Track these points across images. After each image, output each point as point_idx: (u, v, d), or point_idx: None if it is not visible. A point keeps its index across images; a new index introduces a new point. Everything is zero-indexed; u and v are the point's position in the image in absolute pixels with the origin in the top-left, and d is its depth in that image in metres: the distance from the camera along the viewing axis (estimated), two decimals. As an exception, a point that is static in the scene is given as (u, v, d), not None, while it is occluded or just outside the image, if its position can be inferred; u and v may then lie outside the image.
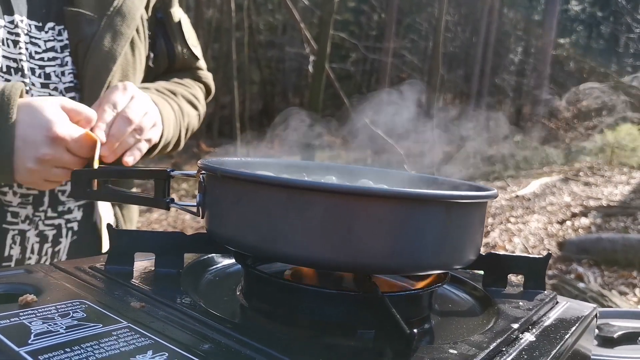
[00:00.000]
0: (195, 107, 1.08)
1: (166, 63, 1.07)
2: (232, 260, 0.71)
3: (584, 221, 5.91)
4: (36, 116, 0.74)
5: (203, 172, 0.61)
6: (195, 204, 0.64)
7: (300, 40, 12.28)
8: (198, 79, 1.14)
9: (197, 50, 1.11)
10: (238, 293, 0.62)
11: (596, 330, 0.87)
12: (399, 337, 0.41)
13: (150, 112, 0.88)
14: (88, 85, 0.89)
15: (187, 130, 1.05)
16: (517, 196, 7.63)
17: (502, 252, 0.70)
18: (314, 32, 12.13)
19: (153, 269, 0.65)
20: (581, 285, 3.43)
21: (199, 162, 0.62)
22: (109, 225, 0.64)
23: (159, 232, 0.67)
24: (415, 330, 0.40)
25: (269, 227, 0.51)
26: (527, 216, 6.32)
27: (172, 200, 0.68)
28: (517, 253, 4.80)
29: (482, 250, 0.64)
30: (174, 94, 1.02)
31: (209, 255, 0.71)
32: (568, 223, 5.91)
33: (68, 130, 0.75)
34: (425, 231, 0.50)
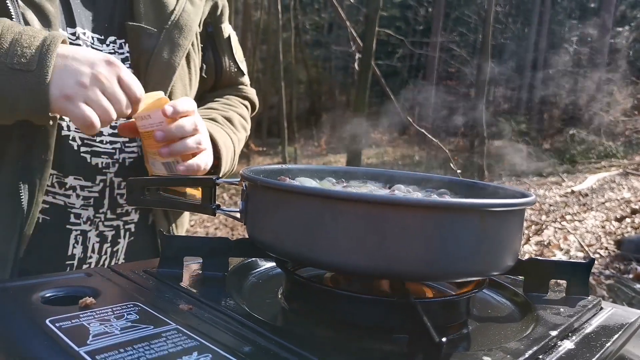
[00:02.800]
0: (245, 130, 1.13)
1: (213, 76, 1.11)
2: (275, 264, 0.74)
3: (645, 218, 5.62)
4: (89, 51, 0.77)
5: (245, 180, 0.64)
6: (239, 210, 0.67)
7: (346, 38, 12.27)
8: (243, 96, 1.18)
9: (243, 65, 1.15)
10: (280, 296, 0.65)
11: (647, 336, 0.84)
12: (429, 344, 0.43)
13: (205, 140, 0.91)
14: None
15: (238, 154, 1.11)
16: (572, 192, 7.34)
17: (542, 258, 0.70)
18: (360, 29, 12.08)
19: (201, 272, 0.69)
20: (638, 286, 3.27)
21: (241, 171, 0.65)
22: (160, 232, 0.68)
23: (206, 237, 0.71)
24: (444, 339, 0.41)
25: (306, 235, 0.53)
26: (584, 213, 6.07)
27: (218, 207, 0.72)
28: (573, 252, 4.63)
29: (536, 248, 0.64)
30: (231, 122, 1.06)
31: (253, 259, 0.75)
32: (627, 220, 5.62)
33: (123, 65, 0.78)
34: (458, 239, 0.51)
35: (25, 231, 0.85)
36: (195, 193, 0.88)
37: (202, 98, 1.12)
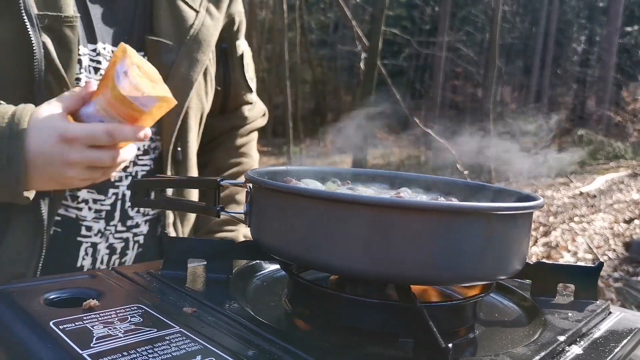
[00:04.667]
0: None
1: (222, 91, 1.10)
2: (279, 266, 0.74)
3: (654, 220, 5.57)
4: (43, 128, 0.74)
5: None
6: (243, 212, 0.67)
7: (351, 37, 12.25)
8: (251, 119, 1.18)
9: (252, 83, 1.15)
10: (284, 299, 0.65)
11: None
12: (435, 350, 0.42)
13: None
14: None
15: None
16: (581, 193, 7.30)
17: (549, 261, 0.69)
18: (366, 29, 12.06)
19: (205, 274, 0.69)
20: (646, 289, 3.24)
21: (245, 173, 0.64)
22: (163, 234, 0.68)
23: (210, 239, 0.71)
24: (450, 345, 0.40)
25: (310, 238, 0.52)
26: (592, 215, 6.03)
27: (222, 209, 0.71)
28: (581, 253, 4.60)
29: (544, 250, 0.63)
30: None
31: (257, 261, 0.74)
32: (636, 222, 5.58)
33: (75, 128, 0.75)
34: (465, 243, 0.50)
35: (44, 251, 0.85)
36: None
37: (211, 124, 1.10)
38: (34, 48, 0.78)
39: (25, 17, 0.77)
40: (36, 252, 0.84)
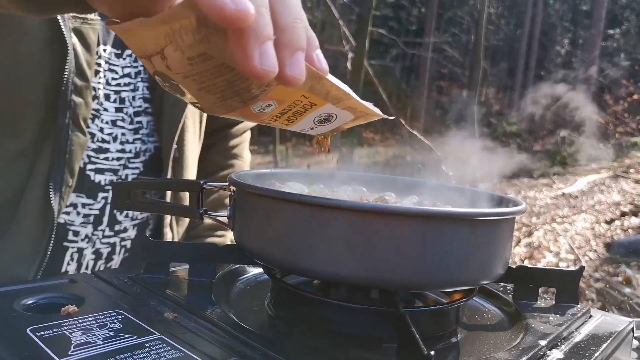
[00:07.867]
0: None
1: None
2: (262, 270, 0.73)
3: (634, 221, 5.66)
4: None
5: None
6: (226, 215, 0.66)
7: (339, 37, 12.26)
8: (244, 130, 1.16)
9: None
10: (267, 303, 0.64)
11: (636, 342, 0.84)
12: (417, 356, 0.42)
13: None
14: (169, 110, 0.92)
15: None
16: (563, 194, 7.40)
17: (531, 265, 0.70)
18: (353, 28, 12.08)
19: (187, 278, 0.68)
20: (627, 290, 3.30)
21: (229, 176, 0.64)
22: (145, 237, 0.67)
23: (192, 243, 0.70)
24: (432, 352, 0.40)
25: (293, 243, 0.52)
26: (574, 215, 6.11)
27: (206, 211, 0.70)
28: (563, 254, 4.66)
29: (526, 250, 0.63)
30: None
31: (240, 265, 0.74)
32: (617, 223, 5.67)
33: None
34: (448, 248, 0.50)
35: (49, 252, 0.83)
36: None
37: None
38: (68, 49, 0.77)
39: (59, 17, 0.75)
40: (40, 254, 0.82)
